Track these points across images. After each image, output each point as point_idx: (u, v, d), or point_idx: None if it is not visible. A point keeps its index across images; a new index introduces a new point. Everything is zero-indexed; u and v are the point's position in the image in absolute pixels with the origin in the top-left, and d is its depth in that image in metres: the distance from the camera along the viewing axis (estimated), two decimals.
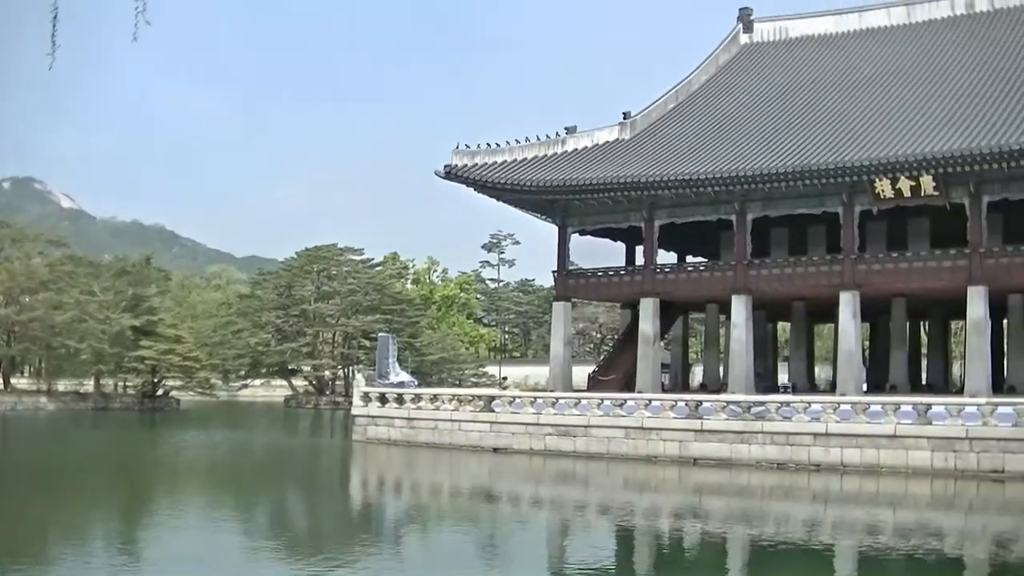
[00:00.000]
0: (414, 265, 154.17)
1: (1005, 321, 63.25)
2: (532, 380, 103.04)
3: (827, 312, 61.80)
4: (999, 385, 56.77)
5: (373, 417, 54.53)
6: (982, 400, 41.19)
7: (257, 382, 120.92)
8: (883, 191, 52.06)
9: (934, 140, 50.79)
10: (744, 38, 75.17)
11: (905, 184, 51.29)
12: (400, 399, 54.22)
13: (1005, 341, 64.02)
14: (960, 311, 53.85)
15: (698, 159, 56.91)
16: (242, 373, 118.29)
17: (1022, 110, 51.69)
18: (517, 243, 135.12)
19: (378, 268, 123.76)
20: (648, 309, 60.20)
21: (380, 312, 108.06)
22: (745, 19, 75.75)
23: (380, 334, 76.71)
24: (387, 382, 62.01)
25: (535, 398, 51.12)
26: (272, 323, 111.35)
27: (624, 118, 65.14)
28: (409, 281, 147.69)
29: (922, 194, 51.62)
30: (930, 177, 50.55)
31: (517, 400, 50.96)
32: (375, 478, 44.48)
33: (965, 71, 59.69)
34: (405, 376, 68.16)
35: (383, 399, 54.88)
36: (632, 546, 27.84)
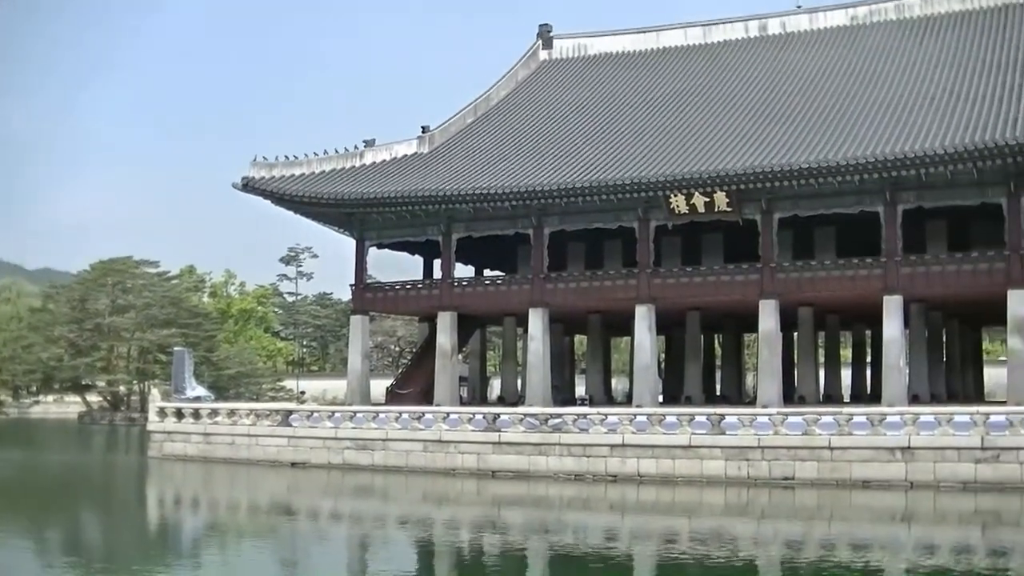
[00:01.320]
0: (211, 278, 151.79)
1: (796, 334, 65.14)
2: (330, 394, 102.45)
3: (624, 325, 62.86)
4: (790, 395, 58.52)
5: (169, 433, 53.45)
6: (773, 410, 42.30)
7: (50, 398, 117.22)
8: (678, 207, 53.17)
9: (728, 158, 52.11)
10: (543, 54, 75.97)
11: (699, 200, 52.48)
12: (196, 414, 53.27)
13: (795, 353, 66.00)
14: (753, 324, 55.27)
15: (496, 173, 57.32)
16: (33, 389, 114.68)
17: (811, 129, 53.46)
18: (315, 256, 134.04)
19: (174, 281, 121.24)
20: (446, 322, 60.32)
21: (176, 326, 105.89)
22: (545, 36, 76.54)
23: (176, 348, 75.16)
24: (183, 397, 60.78)
25: (333, 412, 50.79)
26: (65, 337, 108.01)
27: (423, 132, 65.27)
28: (206, 294, 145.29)
29: (716, 210, 52.89)
30: (724, 193, 51.85)
31: (315, 414, 50.51)
32: (171, 495, 43.60)
33: (758, 91, 61.45)
34: (202, 391, 66.84)
35: (179, 414, 53.84)
36: (432, 559, 27.87)
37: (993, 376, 75.50)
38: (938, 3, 66.49)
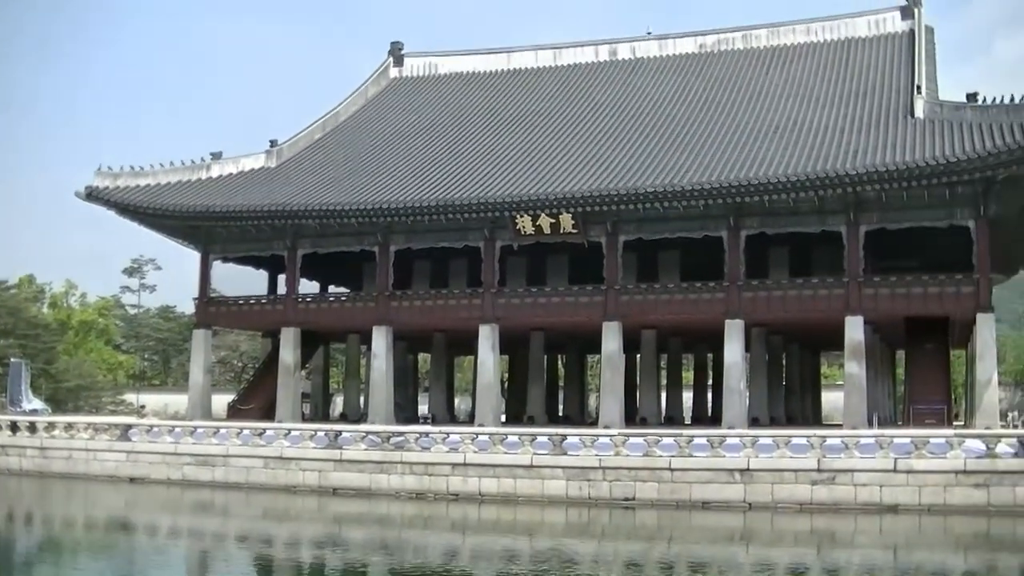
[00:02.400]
0: (51, 288, 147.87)
1: (638, 355, 65.69)
2: (172, 408, 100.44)
3: (468, 344, 62.75)
4: (632, 417, 59.05)
5: (3, 447, 51.76)
6: (615, 431, 42.50)
7: None
8: (524, 227, 53.33)
9: (574, 180, 52.45)
10: (394, 72, 75.88)
11: (545, 221, 52.73)
12: (32, 427, 51.69)
13: (638, 375, 66.57)
14: (596, 345, 55.57)
15: (342, 189, 56.91)
16: None
17: (658, 154, 54.07)
18: (159, 268, 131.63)
19: (12, 291, 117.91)
20: (289, 338, 59.66)
21: (14, 337, 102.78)
22: (396, 53, 76.51)
23: (12, 360, 73.20)
24: (19, 410, 59.17)
25: (173, 427, 49.78)
26: None
27: (271, 146, 64.61)
28: (46, 305, 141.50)
29: (561, 231, 53.17)
30: (569, 215, 52.17)
31: (155, 429, 49.46)
32: (2, 511, 42.20)
33: (606, 115, 62.11)
34: (39, 404, 65.28)
35: (14, 427, 52.17)
36: None
37: (831, 400, 77.23)
38: (784, 35, 68.15)
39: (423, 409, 72.77)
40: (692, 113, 60.11)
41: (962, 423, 56.72)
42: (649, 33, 73.59)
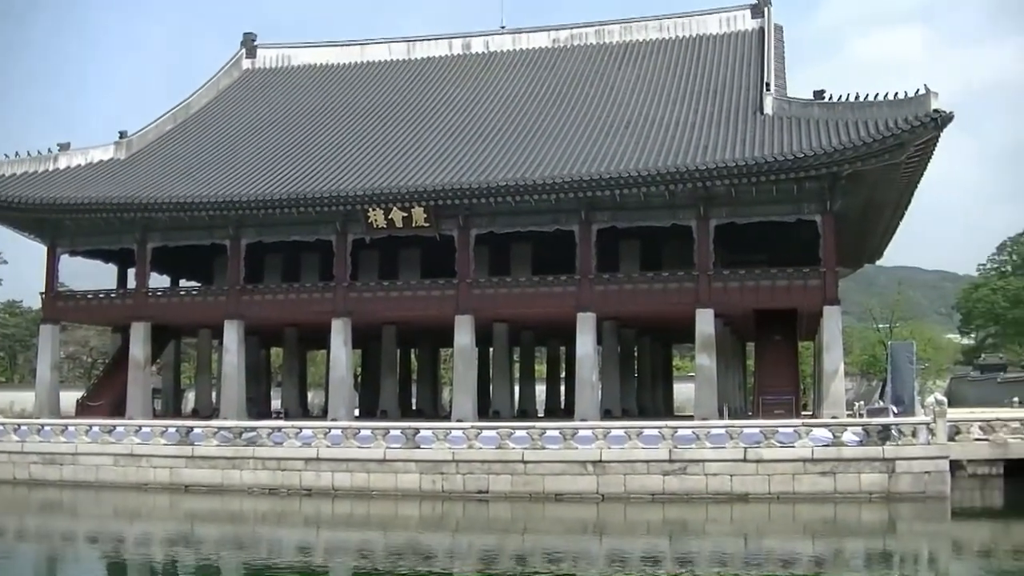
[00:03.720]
0: None
1: (491, 349, 65.77)
2: (19, 406, 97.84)
3: (320, 338, 62.24)
4: (485, 410, 59.09)
5: None
6: (467, 424, 42.54)
7: None
8: (376, 221, 53.03)
9: (427, 173, 52.29)
10: (247, 63, 74.97)
11: (398, 215, 52.48)
12: None
13: (491, 368, 66.64)
14: (449, 339, 55.55)
15: (194, 182, 56.00)
16: None
17: (510, 148, 54.19)
18: (5, 263, 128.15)
19: None
20: (139, 333, 58.51)
21: None
22: (248, 44, 75.61)
23: None
24: None
25: (19, 425, 48.54)
26: None
27: (120, 137, 63.35)
28: None
29: (414, 225, 52.97)
30: (422, 209, 51.99)
31: (0, 427, 48.16)
32: None
33: (461, 108, 62.08)
34: None
35: None
36: None
37: (683, 391, 78.14)
38: (637, 31, 68.82)
39: (276, 404, 72.01)
40: (545, 107, 60.38)
41: (810, 413, 57.90)
42: (503, 27, 73.81)
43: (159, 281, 65.98)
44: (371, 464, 40.37)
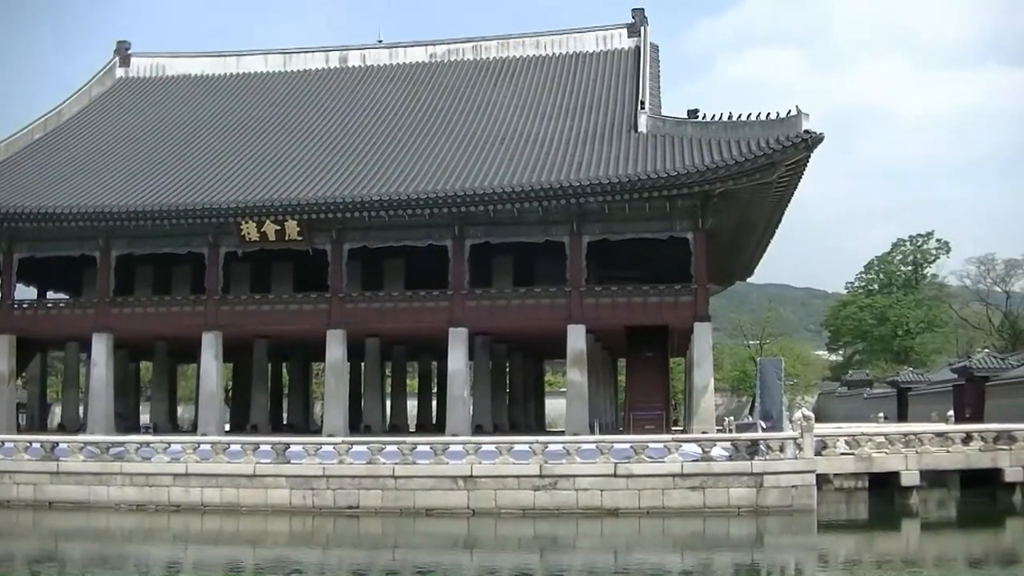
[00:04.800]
0: None
1: (363, 364, 65.42)
2: None
3: (191, 352, 61.39)
4: (356, 425, 58.81)
5: None
6: (338, 439, 42.22)
7: None
8: (249, 234, 52.57)
9: (301, 187, 52.01)
10: (120, 72, 73.87)
11: (271, 228, 52.09)
12: None
13: (363, 383, 66.30)
14: (321, 353, 55.12)
15: (62, 192, 54.99)
16: None
17: (385, 163, 54.12)
18: None
19: None
20: (3, 346, 57.14)
21: None
22: (122, 52, 74.52)
23: None
24: None
25: None
26: None
27: None
28: None
29: (287, 238, 52.61)
30: (295, 222, 51.66)
31: None
32: None
33: (336, 122, 61.86)
34: None
35: None
36: None
37: (554, 407, 78.62)
38: (514, 47, 69.13)
39: (145, 419, 70.90)
40: (421, 122, 60.37)
41: (680, 428, 58.46)
42: (380, 41, 73.67)
43: (26, 292, 64.68)
44: (241, 479, 39.87)
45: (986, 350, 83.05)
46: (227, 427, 59.67)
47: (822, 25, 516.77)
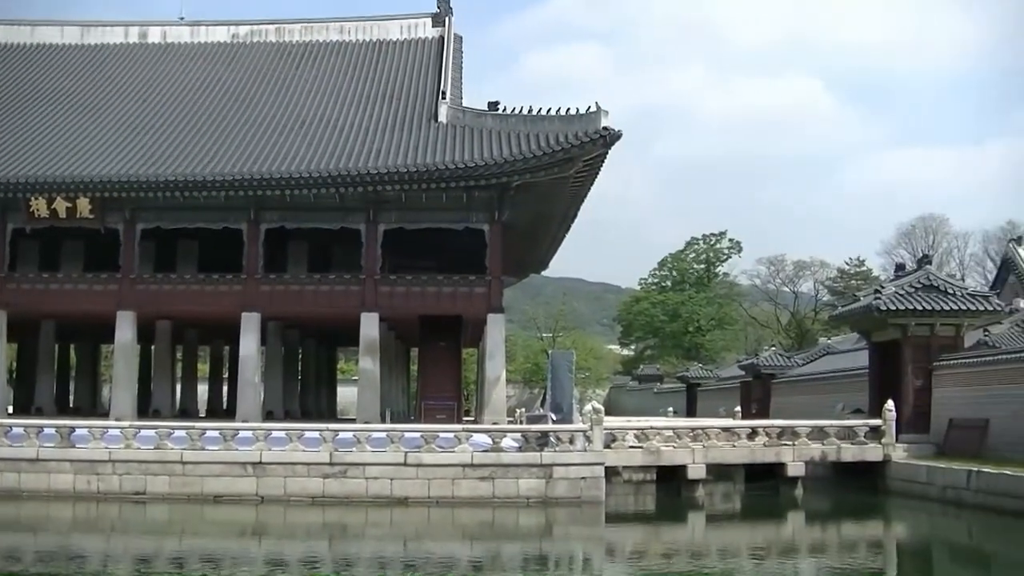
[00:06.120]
0: None
1: (153, 346, 64.27)
2: None
3: None
4: (145, 408, 57.76)
5: None
6: (125, 423, 41.54)
7: None
8: (39, 210, 51.10)
9: (94, 164, 50.83)
10: None
11: (61, 205, 50.74)
12: None
13: (153, 366, 65.11)
14: (111, 335, 53.89)
15: None
16: None
17: (183, 143, 53.21)
18: None
19: None
20: None
21: None
22: None
23: None
24: None
25: None
26: None
27: None
28: None
29: (78, 216, 51.28)
30: (87, 200, 50.44)
31: None
32: None
33: (133, 99, 60.49)
34: None
35: None
36: None
37: (347, 395, 78.38)
38: (318, 32, 68.60)
39: None
40: (220, 103, 59.49)
41: (472, 419, 58.93)
42: (182, 18, 72.32)
43: None
44: (22, 464, 38.89)
45: (773, 348, 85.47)
46: (10, 410, 57.85)
47: (628, 25, 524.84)
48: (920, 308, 47.53)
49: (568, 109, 49.11)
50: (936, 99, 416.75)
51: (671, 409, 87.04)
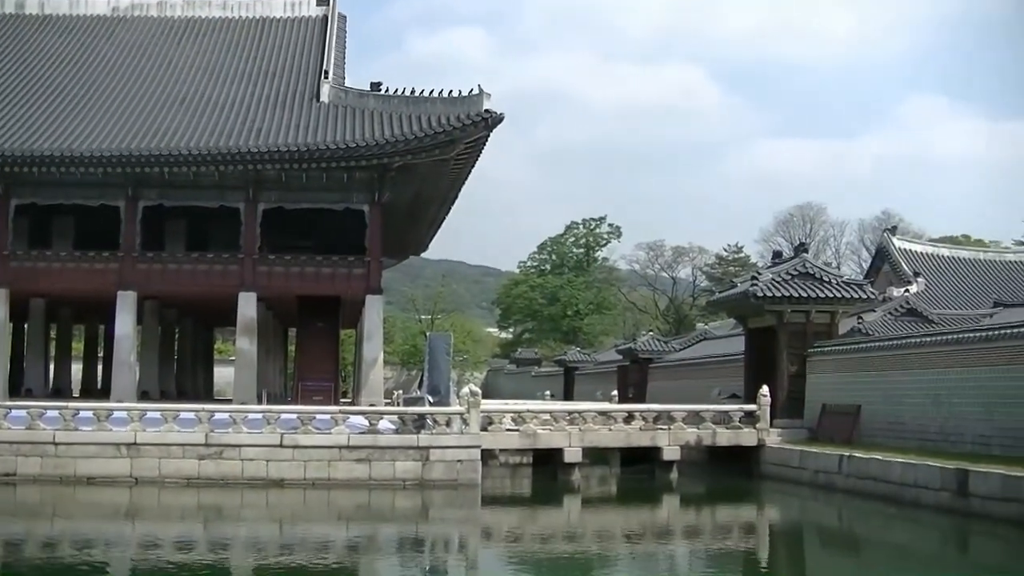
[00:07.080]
0: None
1: (27, 325, 63.10)
2: None
3: None
4: (17, 388, 56.65)
5: None
6: None
7: None
8: None
9: None
10: None
11: None
12: None
13: (25, 344, 63.89)
14: None
15: None
16: None
17: (58, 117, 52.38)
18: None
19: None
20: None
21: None
22: None
23: None
24: None
25: None
26: None
27: None
28: None
29: None
30: None
31: None
32: None
33: (7, 72, 58.90)
34: None
35: None
36: None
37: (224, 375, 77.75)
38: (201, 7, 67.71)
39: None
40: (99, 77, 58.48)
41: (350, 401, 58.81)
42: None
43: None
44: None
45: (651, 333, 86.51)
46: None
47: (514, 11, 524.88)
48: (796, 295, 48.33)
49: (451, 91, 49.28)
50: (818, 90, 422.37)
51: (548, 393, 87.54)
